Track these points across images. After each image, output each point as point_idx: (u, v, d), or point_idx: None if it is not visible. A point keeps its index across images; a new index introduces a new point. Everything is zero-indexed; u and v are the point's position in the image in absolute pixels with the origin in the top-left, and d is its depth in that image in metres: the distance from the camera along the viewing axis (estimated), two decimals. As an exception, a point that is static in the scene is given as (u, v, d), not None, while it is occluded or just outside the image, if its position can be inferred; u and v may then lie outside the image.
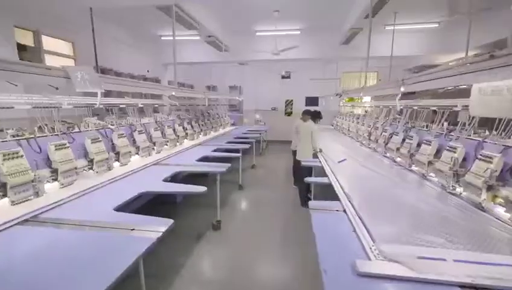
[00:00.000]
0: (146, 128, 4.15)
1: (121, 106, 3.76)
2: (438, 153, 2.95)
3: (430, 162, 3.01)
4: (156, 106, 4.76)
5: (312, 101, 11.19)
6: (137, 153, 3.84)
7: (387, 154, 4.28)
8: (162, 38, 7.86)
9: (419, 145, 3.38)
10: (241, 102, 10.90)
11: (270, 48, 7.38)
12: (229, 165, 3.62)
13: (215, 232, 3.62)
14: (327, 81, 10.66)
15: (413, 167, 3.41)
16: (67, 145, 2.66)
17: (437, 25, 6.57)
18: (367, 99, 9.74)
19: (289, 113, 11.51)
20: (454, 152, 2.60)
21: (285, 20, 6.63)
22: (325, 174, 3.46)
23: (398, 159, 3.82)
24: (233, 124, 9.41)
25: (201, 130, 6.34)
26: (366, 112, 5.86)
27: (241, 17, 6.49)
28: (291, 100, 11.42)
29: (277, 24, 6.78)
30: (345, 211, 2.16)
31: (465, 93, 2.26)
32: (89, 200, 2.39)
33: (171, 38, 4.74)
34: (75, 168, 2.66)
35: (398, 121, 4.44)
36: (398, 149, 3.94)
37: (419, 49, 7.70)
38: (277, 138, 10.65)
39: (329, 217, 2.09)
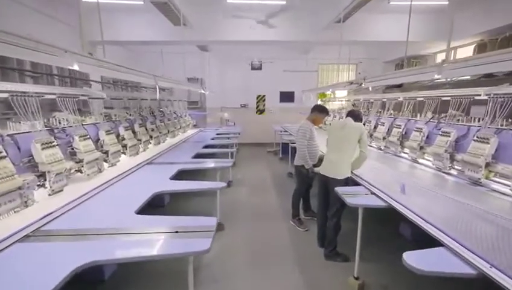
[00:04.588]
0: (19, 147, 1.88)
1: None
2: None
3: None
4: (54, 97, 2.43)
5: (287, 96, 9.66)
6: (-16, 210, 1.59)
7: (452, 172, 2.81)
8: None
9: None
10: (205, 97, 8.74)
11: (252, 16, 5.50)
12: (216, 219, 1.66)
13: None
14: (304, 74, 9.19)
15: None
16: None
17: (446, 2, 5.48)
18: (343, 94, 8.67)
19: (261, 111, 9.73)
20: None
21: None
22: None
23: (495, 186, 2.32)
24: (195, 126, 7.28)
25: (151, 137, 4.12)
26: (384, 106, 4.38)
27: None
28: (264, 96, 9.65)
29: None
30: None
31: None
32: None
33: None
34: None
35: (459, 120, 2.98)
36: (487, 165, 2.48)
37: (414, 35, 6.59)
38: (249, 141, 8.83)
39: None
